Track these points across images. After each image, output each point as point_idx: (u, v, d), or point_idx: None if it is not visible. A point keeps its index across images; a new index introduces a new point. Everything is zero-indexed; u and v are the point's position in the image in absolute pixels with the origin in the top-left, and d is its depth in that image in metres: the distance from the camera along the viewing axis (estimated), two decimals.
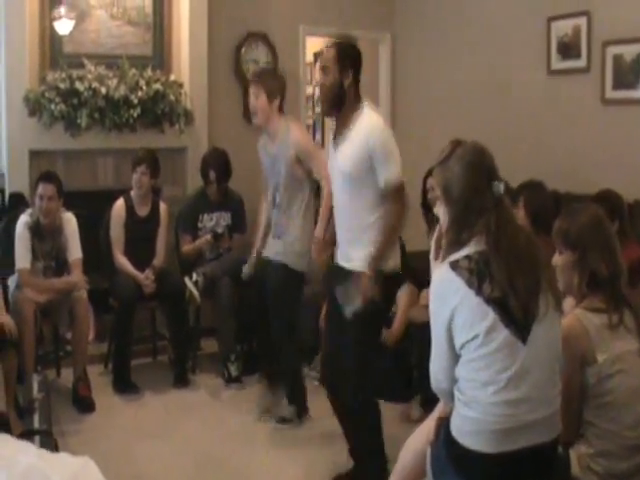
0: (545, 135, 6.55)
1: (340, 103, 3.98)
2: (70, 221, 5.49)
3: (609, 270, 2.91)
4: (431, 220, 4.93)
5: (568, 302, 3.13)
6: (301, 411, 5.12)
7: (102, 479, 1.27)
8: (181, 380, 5.79)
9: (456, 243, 2.66)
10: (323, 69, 4.04)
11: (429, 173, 5.07)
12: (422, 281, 5.32)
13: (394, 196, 3.91)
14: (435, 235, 2.93)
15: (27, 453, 1.22)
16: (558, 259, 3.03)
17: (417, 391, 5.00)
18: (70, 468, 1.22)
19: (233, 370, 5.78)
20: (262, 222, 5.31)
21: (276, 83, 5.04)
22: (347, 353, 3.98)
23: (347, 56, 4.02)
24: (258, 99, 4.91)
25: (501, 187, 2.65)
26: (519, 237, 2.67)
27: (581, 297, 2.98)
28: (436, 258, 2.88)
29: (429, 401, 3.64)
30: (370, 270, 3.85)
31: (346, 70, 3.98)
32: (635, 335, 2.92)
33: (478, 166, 2.68)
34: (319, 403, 5.37)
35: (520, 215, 4.44)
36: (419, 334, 4.81)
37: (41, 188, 5.31)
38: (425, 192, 5.41)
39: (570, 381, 2.81)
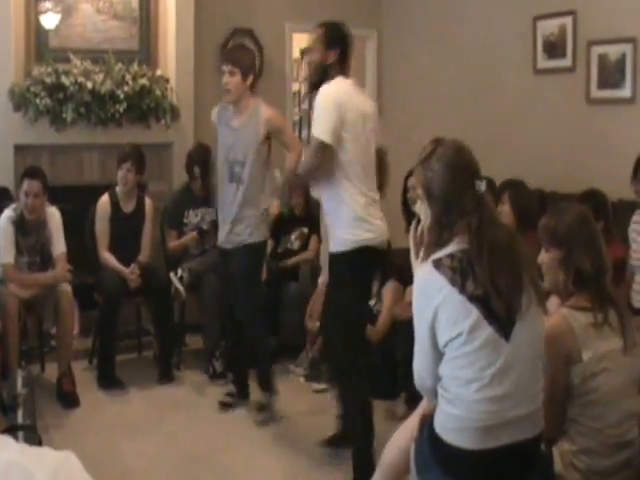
0: (530, 134, 6.58)
1: (322, 81, 4.09)
2: (54, 215, 5.48)
3: (594, 267, 2.92)
4: (410, 218, 4.95)
5: (553, 301, 3.15)
6: (273, 393, 5.16)
7: (84, 473, 1.26)
8: (166, 376, 5.78)
9: (438, 242, 2.67)
10: (310, 50, 4.29)
11: (410, 173, 5.08)
12: (407, 278, 5.33)
13: (311, 151, 4.06)
14: (412, 234, 2.94)
15: (8, 449, 1.21)
16: (544, 257, 3.04)
17: (402, 388, 5.01)
18: (52, 462, 1.21)
19: (218, 366, 5.79)
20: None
21: (250, 60, 5.13)
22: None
23: (332, 36, 4.18)
24: (233, 77, 4.86)
25: (482, 186, 2.66)
26: (501, 235, 2.68)
27: (567, 295, 2.99)
28: (417, 257, 2.89)
29: (414, 398, 3.66)
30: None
31: (331, 49, 4.12)
32: (619, 334, 2.93)
33: (459, 165, 2.69)
34: (305, 400, 5.40)
35: (505, 211, 4.46)
36: (404, 331, 4.80)
37: (26, 185, 5.28)
38: (406, 191, 5.43)
39: (555, 379, 2.83)
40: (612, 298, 2.96)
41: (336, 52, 4.12)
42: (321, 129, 3.95)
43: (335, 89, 4.05)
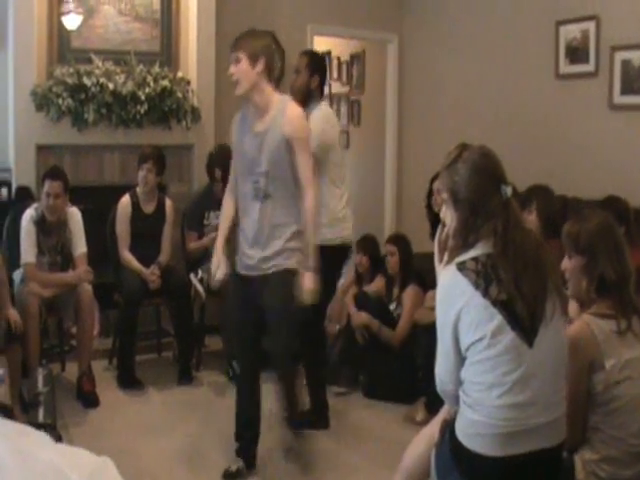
0: (553, 139, 6.55)
1: (306, 101, 4.72)
2: (75, 216, 5.50)
3: (617, 275, 2.91)
4: (434, 221, 4.94)
5: (571, 306, 3.13)
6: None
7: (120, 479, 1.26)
8: (185, 377, 5.80)
9: (463, 246, 2.66)
10: (296, 72, 4.96)
11: (435, 176, 5.07)
12: (427, 282, 5.33)
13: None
14: (437, 239, 2.94)
15: (45, 448, 1.20)
16: (567, 263, 3.03)
17: (422, 393, 5.00)
18: (88, 466, 1.19)
19: (237, 368, 5.78)
20: (227, 217, 4.40)
21: (259, 44, 4.10)
22: None
23: (316, 64, 4.97)
24: (238, 63, 4.02)
25: (508, 190, 2.66)
26: (527, 240, 2.67)
27: (589, 302, 2.98)
28: (440, 261, 2.88)
29: (433, 403, 3.66)
30: None
31: (314, 75, 4.88)
32: None
33: (485, 169, 2.68)
34: None
35: (532, 219, 4.44)
36: (424, 335, 4.81)
37: (47, 186, 5.30)
38: (430, 194, 5.41)
39: (577, 387, 2.81)
40: (635, 305, 2.95)
41: (318, 78, 4.90)
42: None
43: (322, 113, 4.84)
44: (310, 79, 4.86)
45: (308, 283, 4.03)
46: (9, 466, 1.12)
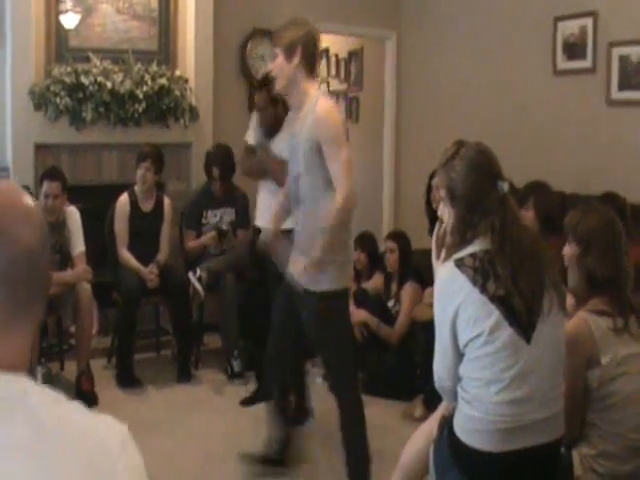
0: (550, 135, 6.55)
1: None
2: (74, 215, 5.50)
3: (608, 274, 2.90)
4: (433, 218, 4.94)
5: (568, 300, 3.13)
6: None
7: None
8: (184, 375, 5.80)
9: (460, 243, 2.67)
10: (258, 110, 4.95)
11: (434, 173, 5.07)
12: (425, 279, 5.34)
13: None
14: (435, 235, 2.94)
15: (81, 413, 1.21)
16: (566, 249, 3.05)
17: (420, 389, 5.01)
18: (120, 435, 1.22)
19: (236, 366, 5.79)
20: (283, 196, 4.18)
21: (296, 34, 3.79)
22: None
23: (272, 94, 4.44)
24: (276, 59, 3.81)
25: (505, 186, 2.67)
26: (524, 237, 2.68)
27: (584, 297, 2.98)
28: (437, 258, 2.89)
29: (432, 400, 3.66)
30: None
31: (277, 104, 4.62)
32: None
33: (481, 166, 2.69)
34: (322, 400, 5.39)
35: (529, 216, 4.44)
36: (423, 332, 4.82)
37: (46, 186, 5.31)
38: (429, 190, 5.41)
39: (574, 383, 2.82)
40: (632, 305, 2.94)
41: (281, 105, 4.61)
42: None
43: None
44: (275, 110, 4.86)
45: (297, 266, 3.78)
46: (49, 430, 1.14)
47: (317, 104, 3.68)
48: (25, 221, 1.22)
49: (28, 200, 1.25)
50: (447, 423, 2.70)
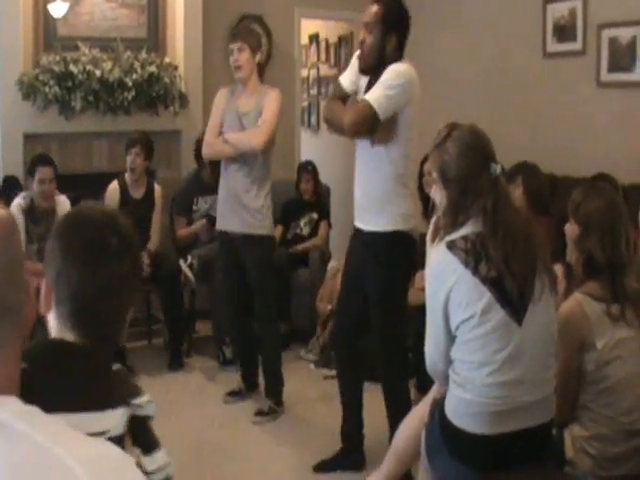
0: (541, 117, 6.54)
1: (379, 66, 3.79)
2: (63, 204, 5.49)
3: (606, 257, 2.87)
4: (426, 203, 4.92)
5: (557, 268, 3.12)
6: (278, 405, 4.99)
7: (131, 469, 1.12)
8: (176, 363, 5.80)
9: (453, 225, 2.66)
10: (366, 26, 3.81)
11: (426, 158, 5.05)
12: (417, 264, 5.32)
13: (358, 112, 3.78)
14: (433, 221, 2.93)
15: (67, 442, 1.08)
16: (567, 227, 3.04)
17: (412, 374, 5.00)
18: (90, 453, 1.07)
19: (228, 353, 5.79)
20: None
21: (258, 39, 5.05)
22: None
23: (394, 19, 3.80)
24: (242, 53, 4.77)
25: (497, 169, 2.66)
26: (516, 219, 2.68)
27: (581, 279, 2.96)
28: (432, 240, 2.88)
29: (424, 384, 3.66)
30: None
31: (390, 33, 3.77)
32: (636, 328, 2.89)
33: (474, 148, 2.69)
34: (315, 387, 5.41)
35: (517, 195, 4.43)
36: (415, 317, 4.81)
37: (41, 172, 5.33)
38: (421, 175, 5.40)
39: (567, 365, 2.82)
40: (627, 294, 2.90)
41: (395, 38, 3.79)
42: (380, 100, 3.67)
43: (413, 75, 3.87)
44: (384, 39, 3.78)
45: None
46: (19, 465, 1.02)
47: (268, 90, 4.85)
48: None
49: None
50: (439, 406, 2.70)
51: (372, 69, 3.84)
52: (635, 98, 5.81)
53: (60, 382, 1.60)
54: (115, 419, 1.66)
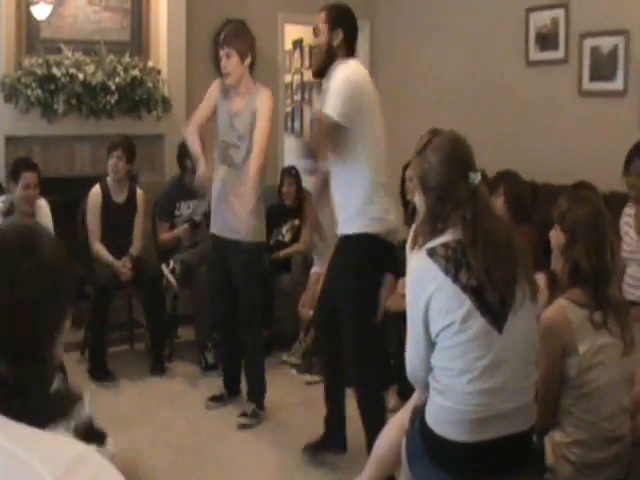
0: (523, 125, 6.58)
1: (330, 62, 4.07)
2: (43, 208, 5.47)
3: (592, 266, 2.86)
4: (408, 208, 4.94)
5: (539, 277, 3.13)
6: (260, 409, 4.98)
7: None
8: (158, 368, 5.78)
9: (431, 233, 2.67)
10: (314, 31, 4.18)
11: (408, 164, 5.06)
12: (400, 270, 5.34)
13: (322, 128, 3.91)
14: (414, 228, 2.94)
15: (27, 440, 1.09)
16: (552, 233, 3.04)
17: (394, 380, 5.01)
18: (65, 459, 1.06)
19: (210, 358, 5.78)
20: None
21: (246, 41, 4.96)
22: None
23: (337, 16, 4.11)
24: (230, 59, 4.76)
25: (477, 178, 2.66)
26: (496, 228, 2.68)
27: (565, 285, 2.96)
28: (412, 248, 2.89)
29: (406, 390, 3.66)
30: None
31: (336, 30, 4.05)
32: (618, 336, 2.89)
33: (454, 157, 2.69)
34: (297, 392, 5.40)
35: (499, 203, 4.44)
36: (397, 323, 4.82)
37: (26, 178, 5.31)
38: (404, 182, 5.42)
39: (549, 370, 2.82)
40: (610, 302, 2.90)
41: (341, 33, 4.05)
42: (337, 111, 3.82)
43: (356, 72, 4.03)
44: (331, 36, 4.06)
45: None
46: None
47: (260, 92, 4.84)
48: None
49: None
50: (419, 413, 2.70)
51: (323, 70, 4.12)
52: (616, 107, 5.86)
53: None
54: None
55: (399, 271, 5.31)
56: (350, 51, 4.11)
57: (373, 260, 4.04)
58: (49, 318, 1.36)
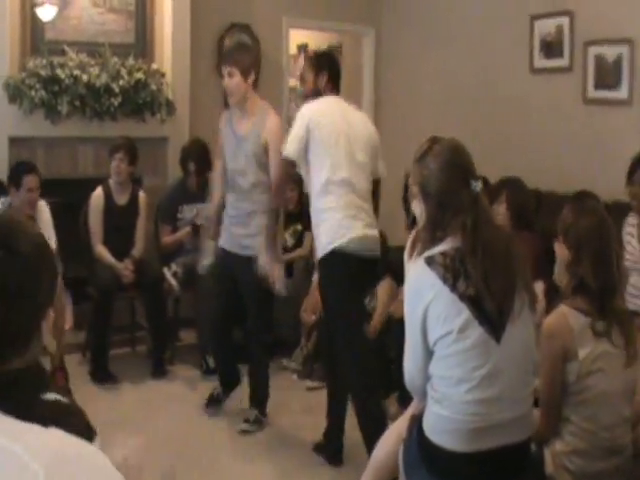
0: (527, 133, 6.57)
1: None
2: (44, 210, 5.48)
3: (598, 282, 2.84)
4: (410, 214, 4.93)
5: (537, 286, 3.12)
6: (262, 415, 4.96)
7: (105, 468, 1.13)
8: (159, 371, 5.79)
9: (431, 240, 2.66)
10: (301, 78, 4.62)
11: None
12: (401, 276, 5.32)
13: (279, 167, 4.46)
14: (412, 236, 2.93)
15: (18, 434, 1.08)
16: (557, 247, 3.01)
17: (395, 387, 5.00)
18: (53, 451, 1.06)
19: (211, 362, 5.77)
20: (216, 201, 5.09)
21: (249, 59, 4.88)
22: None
23: (320, 62, 4.51)
24: (233, 78, 4.68)
25: (478, 186, 2.65)
26: (496, 237, 2.67)
27: (568, 294, 2.94)
28: (410, 255, 2.88)
29: (407, 397, 3.66)
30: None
31: (321, 73, 4.41)
32: (621, 348, 2.88)
33: (454, 164, 2.68)
34: (298, 398, 5.40)
35: (501, 211, 4.43)
36: (398, 329, 4.80)
37: (28, 181, 5.33)
38: (407, 188, 5.39)
39: (551, 377, 2.81)
40: (614, 312, 2.88)
41: (325, 75, 4.40)
42: (288, 146, 4.21)
43: (312, 109, 4.28)
44: (315, 79, 4.40)
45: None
46: None
47: (268, 116, 4.76)
48: None
49: None
50: (417, 422, 2.70)
51: None
52: (620, 116, 5.85)
53: None
54: None
55: (401, 277, 5.31)
56: (336, 89, 4.47)
57: (344, 275, 4.18)
58: (29, 308, 1.35)
